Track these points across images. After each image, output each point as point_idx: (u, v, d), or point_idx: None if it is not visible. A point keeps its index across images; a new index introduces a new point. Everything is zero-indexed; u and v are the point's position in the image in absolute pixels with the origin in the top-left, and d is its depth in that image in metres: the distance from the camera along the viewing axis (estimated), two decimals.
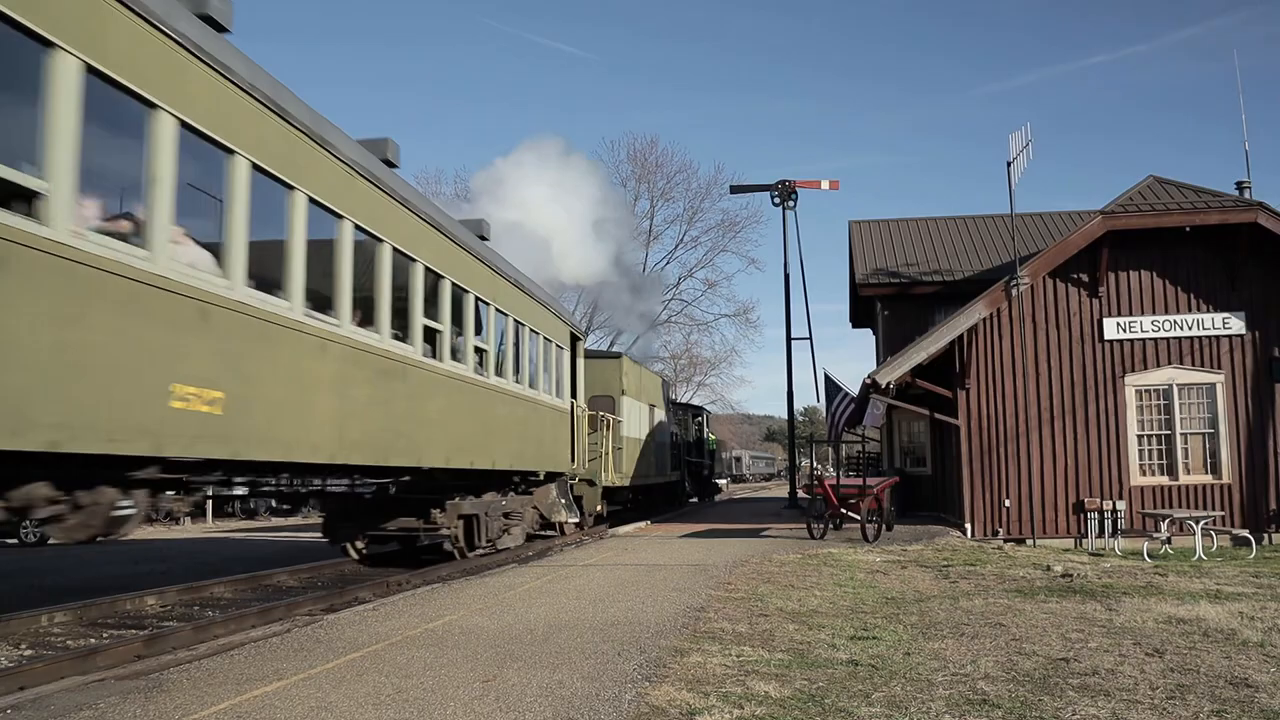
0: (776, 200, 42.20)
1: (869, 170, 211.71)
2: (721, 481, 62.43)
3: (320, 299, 10.67)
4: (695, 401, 56.54)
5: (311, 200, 10.39)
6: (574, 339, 23.10)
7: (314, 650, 8.11)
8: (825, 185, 43.54)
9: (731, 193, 51.72)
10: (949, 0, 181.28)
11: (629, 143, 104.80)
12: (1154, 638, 8.82)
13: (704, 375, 67.76)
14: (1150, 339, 21.87)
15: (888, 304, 31.69)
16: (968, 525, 21.82)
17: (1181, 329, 21.80)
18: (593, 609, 10.46)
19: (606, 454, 26.06)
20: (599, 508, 26.26)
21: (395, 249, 12.53)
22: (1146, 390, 21.87)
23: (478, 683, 6.86)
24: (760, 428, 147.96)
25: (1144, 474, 21.72)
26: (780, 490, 67.51)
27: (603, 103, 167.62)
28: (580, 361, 23.80)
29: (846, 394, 22.29)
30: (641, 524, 27.19)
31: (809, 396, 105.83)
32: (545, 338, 20.19)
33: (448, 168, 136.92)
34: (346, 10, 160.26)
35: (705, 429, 48.48)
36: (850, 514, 20.69)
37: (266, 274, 9.61)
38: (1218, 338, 21.72)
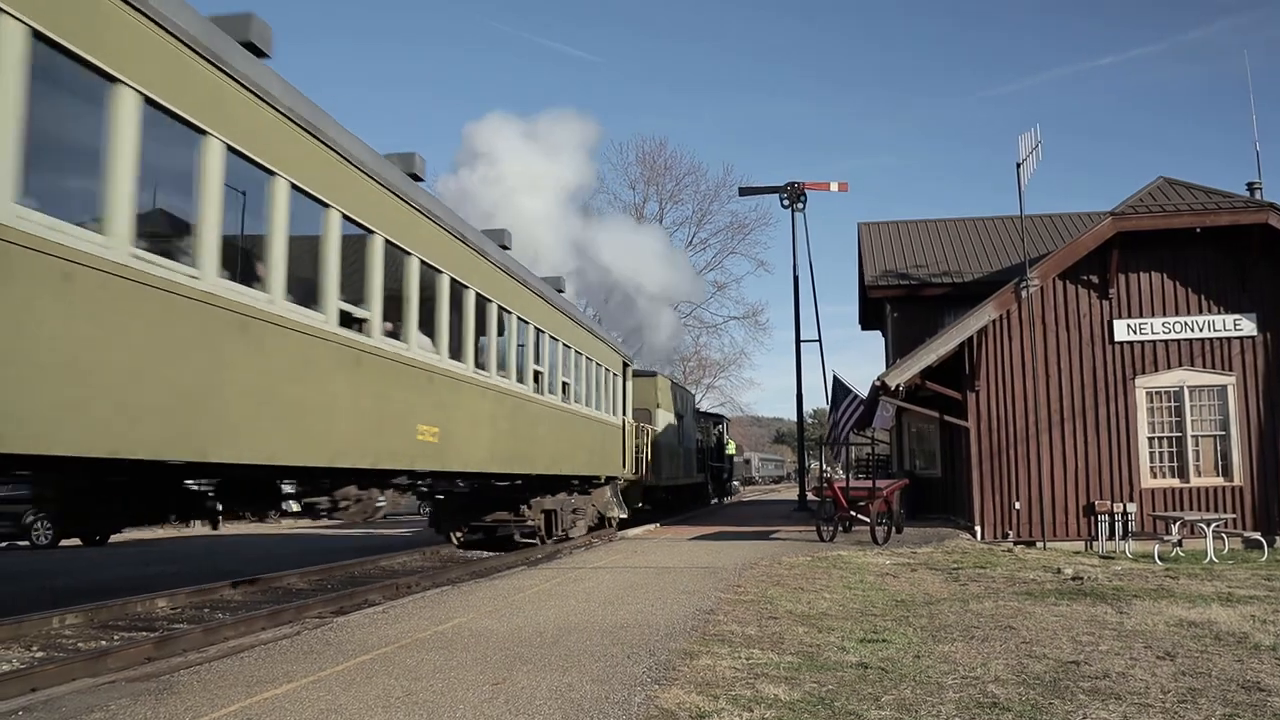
0: (785, 202, 42.14)
1: (876, 172, 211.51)
2: (736, 483, 64.96)
3: (481, 358, 15.75)
4: (703, 403, 57.67)
5: (478, 295, 15.50)
6: (625, 366, 27.48)
7: (324, 653, 8.12)
8: (834, 187, 43.50)
9: (740, 195, 51.62)
10: (956, 3, 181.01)
11: (638, 145, 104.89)
12: (1165, 641, 8.80)
13: (713, 378, 67.74)
14: (1161, 340, 21.81)
15: (897, 306, 31.65)
16: (977, 528, 21.78)
17: (1192, 330, 21.73)
18: (602, 611, 10.45)
19: (647, 460, 29.99)
20: (639, 504, 29.85)
21: (520, 318, 17.82)
22: (1157, 392, 21.81)
23: (487, 685, 6.86)
24: (769, 430, 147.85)
25: (1155, 476, 21.66)
26: (789, 493, 67.44)
27: (611, 106, 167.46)
28: (630, 384, 28.04)
29: (856, 396, 22.25)
30: (650, 526, 27.19)
31: (818, 399, 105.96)
32: (606, 368, 24.93)
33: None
34: (352, 11, 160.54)
35: (725, 436, 51.93)
36: (860, 516, 20.66)
37: (457, 347, 14.68)
38: (1229, 339, 21.65)
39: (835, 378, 22.17)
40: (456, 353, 14.56)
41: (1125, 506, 21.18)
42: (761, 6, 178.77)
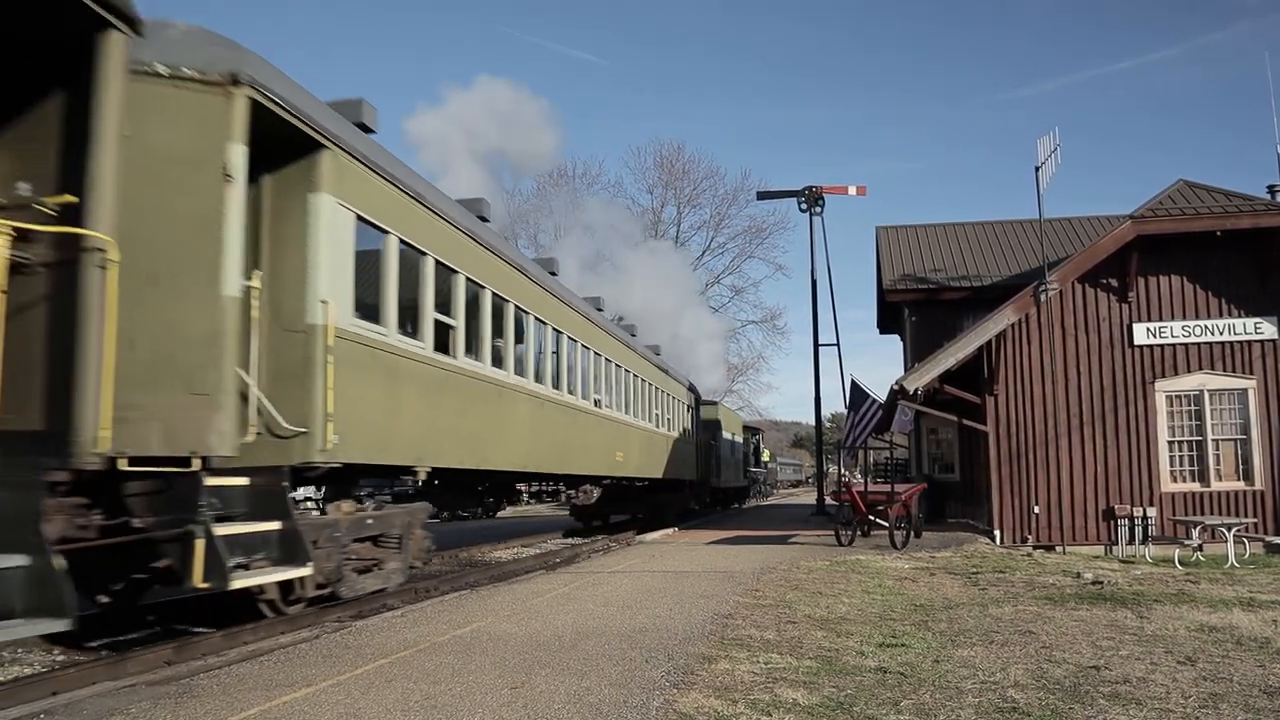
0: (803, 206, 42.10)
1: (894, 177, 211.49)
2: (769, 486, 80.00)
3: (635, 410, 26.41)
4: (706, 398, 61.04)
5: (584, 346, 21.71)
6: (695, 397, 38.59)
7: (343, 656, 8.14)
8: (852, 191, 43.45)
9: (758, 199, 51.65)
10: (972, 8, 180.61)
11: (656, 149, 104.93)
12: (1186, 646, 8.75)
13: (731, 381, 67.75)
14: (1181, 344, 21.73)
15: (915, 310, 31.63)
16: (996, 532, 21.73)
17: (1212, 334, 21.65)
18: (620, 616, 10.45)
19: (712, 467, 41.24)
20: (707, 499, 41.51)
21: (643, 380, 27.88)
22: (1177, 396, 21.73)
23: (505, 689, 6.86)
24: (787, 434, 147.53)
25: (1175, 480, 21.58)
26: (807, 496, 67.31)
27: (627, 111, 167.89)
28: (698, 411, 39.31)
29: (874, 400, 22.19)
30: (669, 530, 27.19)
31: (836, 403, 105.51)
32: (682, 402, 35.09)
33: (473, 173, 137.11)
34: (362, 17, 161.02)
35: (760, 445, 66.10)
36: (878, 520, 20.60)
37: (625, 404, 24.88)
38: (1249, 342, 21.56)
39: (854, 382, 22.12)
40: (626, 408, 25.76)
41: (1145, 510, 21.07)
42: (776, 13, 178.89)
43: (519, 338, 17.18)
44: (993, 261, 31.74)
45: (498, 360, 15.78)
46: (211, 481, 8.90)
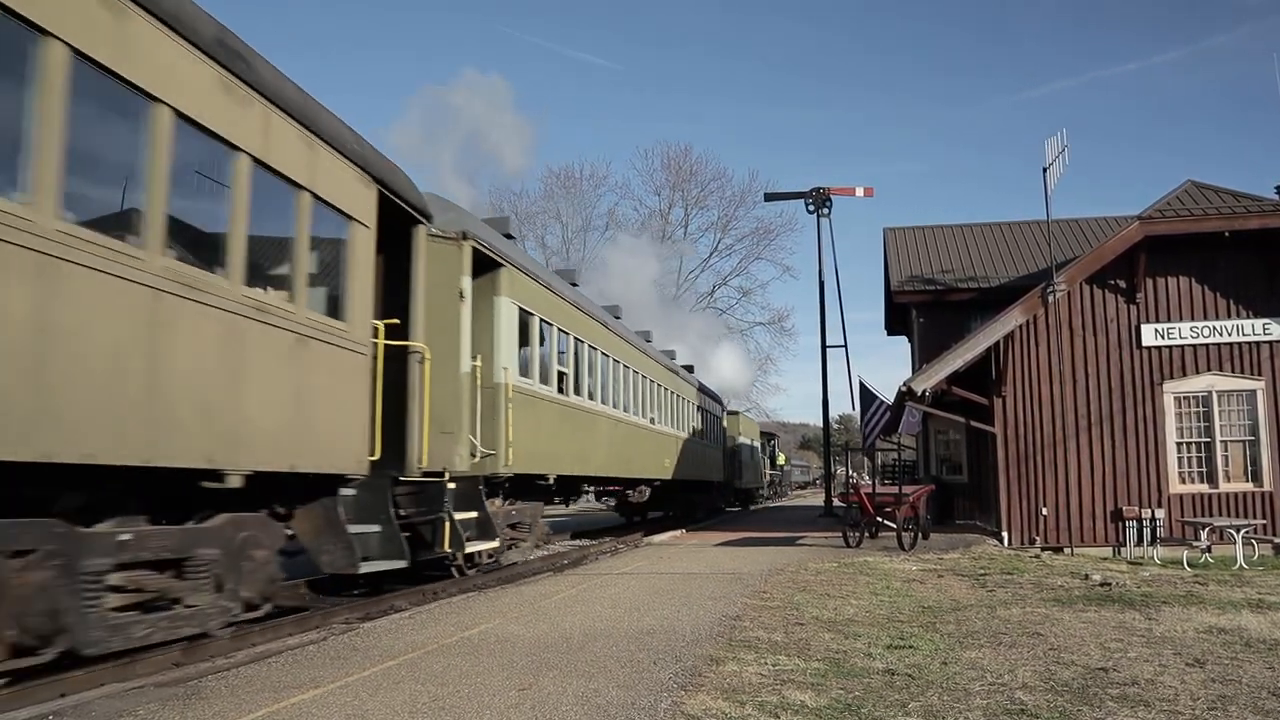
0: (811, 207, 42.12)
1: (901, 179, 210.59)
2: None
3: (679, 425, 32.61)
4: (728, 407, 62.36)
5: (640, 374, 26.66)
6: (722, 408, 45.51)
7: (350, 658, 8.16)
8: (860, 192, 43.47)
9: (765, 200, 51.69)
10: (975, 11, 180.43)
11: (663, 150, 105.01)
12: (1194, 648, 8.73)
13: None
14: (1189, 345, 21.69)
15: (923, 311, 31.59)
16: (1004, 533, 21.70)
17: (1221, 335, 21.60)
18: (628, 617, 10.46)
19: (736, 469, 47.55)
20: (732, 497, 48.63)
21: (681, 397, 33.03)
22: (1185, 397, 21.69)
23: (513, 691, 6.87)
24: (795, 435, 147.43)
25: (1183, 482, 21.53)
26: (815, 498, 67.28)
27: (632, 113, 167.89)
28: (726, 420, 46.00)
29: (882, 402, 22.19)
30: (677, 532, 27.19)
31: (844, 404, 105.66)
32: (713, 413, 41.35)
33: (481, 175, 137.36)
34: (362, 16, 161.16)
35: (776, 450, 72.59)
36: (886, 522, 20.60)
37: (670, 420, 30.64)
38: (1258, 343, 21.51)
39: (861, 383, 22.12)
40: (671, 422, 31.19)
41: (1153, 512, 21.06)
42: (780, 15, 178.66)
43: (597, 372, 22.44)
44: (1000, 263, 31.70)
45: (589, 393, 21.53)
46: (450, 485, 13.70)
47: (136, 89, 7.32)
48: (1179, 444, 21.62)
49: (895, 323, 38.55)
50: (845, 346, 66.93)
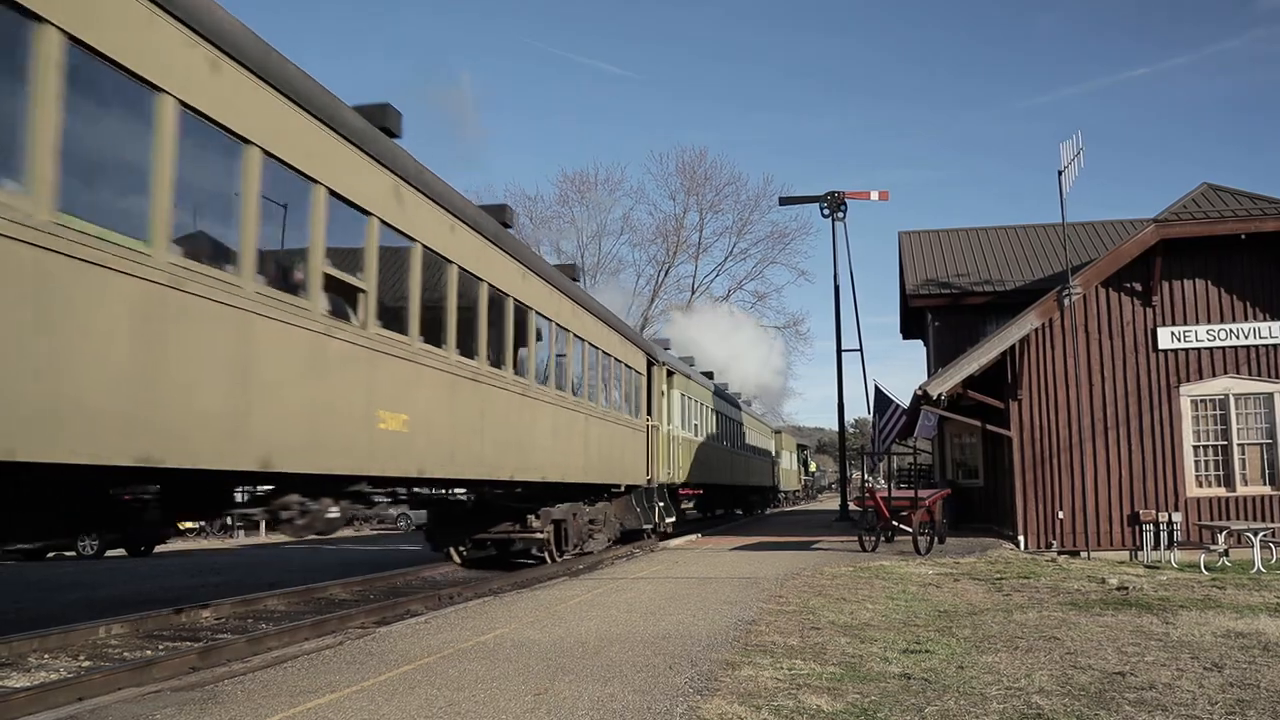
0: (826, 211, 42.09)
1: (915, 185, 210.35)
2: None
3: (746, 443, 46.12)
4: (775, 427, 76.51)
5: (730, 419, 40.55)
6: (777, 433, 59.93)
7: (366, 663, 8.17)
8: (875, 196, 43.41)
9: (780, 204, 51.72)
10: (987, 18, 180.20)
11: (677, 155, 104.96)
12: (1212, 652, 8.69)
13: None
14: (1206, 348, 21.60)
15: (938, 315, 31.51)
16: (1020, 537, 21.63)
17: (1238, 338, 21.50)
18: (643, 622, 10.46)
19: (779, 476, 59.53)
20: (777, 499, 63.12)
21: (740, 424, 43.29)
22: (1202, 400, 21.60)
23: (529, 696, 6.88)
24: (810, 439, 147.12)
25: (1200, 485, 21.44)
26: (831, 502, 67.14)
27: (647, 120, 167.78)
28: (774, 440, 58.50)
29: (898, 406, 22.16)
30: (692, 537, 27.21)
31: (860, 408, 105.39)
32: (765, 434, 53.70)
33: (497, 182, 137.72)
34: (391, 27, 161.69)
35: (809, 458, 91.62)
36: (902, 526, 20.55)
37: (740, 441, 43.74)
38: (1275, 346, 21.41)
39: (877, 388, 22.10)
40: (754, 450, 47.52)
41: (1170, 516, 20.97)
42: (793, 23, 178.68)
43: (719, 420, 36.69)
44: (1015, 266, 31.62)
45: (716, 435, 35.88)
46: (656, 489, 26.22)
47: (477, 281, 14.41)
48: (1196, 447, 21.53)
49: (911, 327, 38.49)
50: (861, 350, 66.97)
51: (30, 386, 6.30)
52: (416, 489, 14.88)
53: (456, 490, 17.08)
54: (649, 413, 24.96)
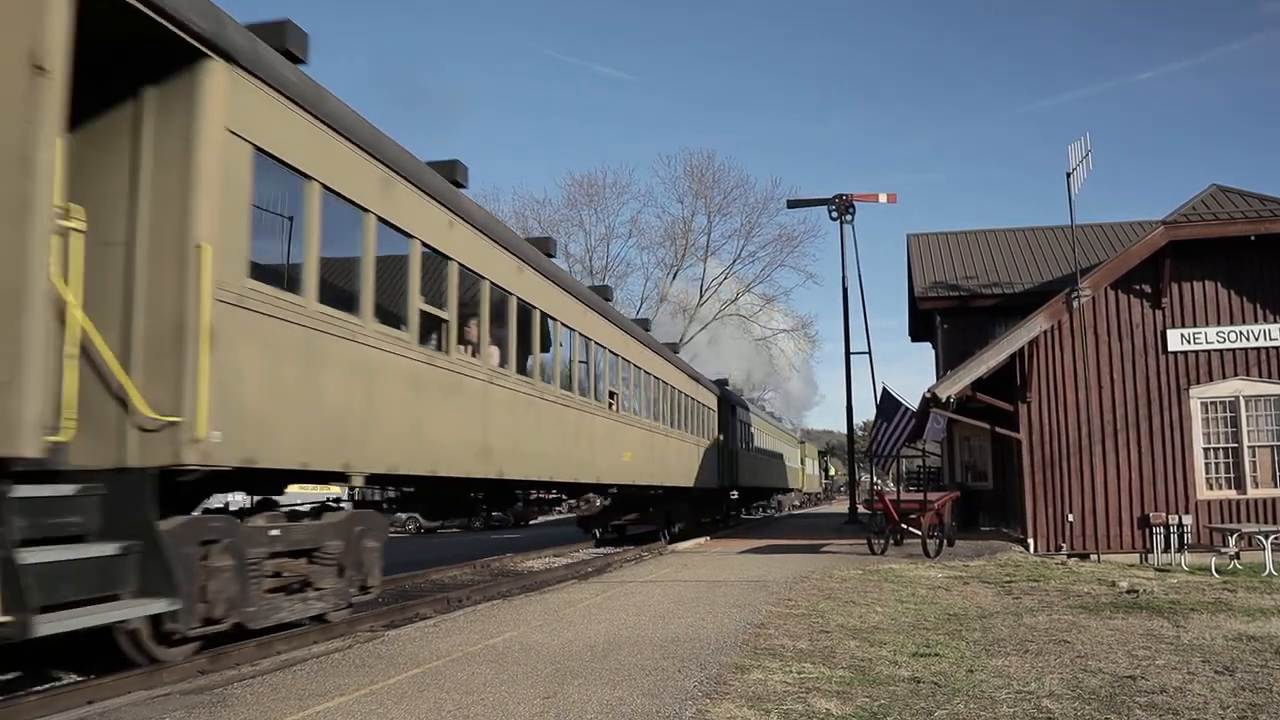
0: (834, 214, 41.98)
1: (921, 189, 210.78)
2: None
3: (779, 450, 58.72)
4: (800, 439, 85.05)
5: (770, 437, 54.20)
6: (801, 443, 71.94)
7: (375, 666, 8.17)
8: (883, 198, 43.25)
9: (789, 207, 51.57)
10: (994, 22, 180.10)
11: (686, 158, 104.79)
12: (1223, 655, 8.66)
13: (761, 390, 67.65)
14: (1215, 350, 21.54)
15: (947, 317, 31.47)
16: (1030, 540, 21.58)
17: (1248, 339, 21.44)
18: (652, 625, 10.45)
19: (803, 480, 68.81)
20: (800, 502, 74.88)
21: (772, 436, 55.30)
22: (1212, 402, 21.54)
23: (538, 699, 6.87)
24: (819, 442, 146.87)
25: (1211, 488, 21.38)
26: (839, 505, 67.14)
27: (654, 124, 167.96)
28: (800, 448, 71.06)
29: (906, 409, 22.14)
30: (700, 540, 27.18)
31: (868, 411, 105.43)
32: (792, 442, 66.01)
33: (505, 185, 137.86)
34: (392, 28, 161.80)
35: (829, 463, 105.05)
36: (911, 529, 20.51)
37: (770, 448, 53.05)
38: None
39: (885, 390, 22.08)
40: (786, 456, 59.75)
41: (1181, 518, 20.90)
42: (798, 27, 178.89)
43: (751, 435, 44.21)
44: (1024, 268, 31.58)
45: (757, 446, 46.21)
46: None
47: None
48: (1206, 449, 21.47)
49: (919, 329, 38.43)
50: (869, 353, 66.61)
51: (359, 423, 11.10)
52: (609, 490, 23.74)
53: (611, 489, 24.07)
54: (719, 433, 35.74)
